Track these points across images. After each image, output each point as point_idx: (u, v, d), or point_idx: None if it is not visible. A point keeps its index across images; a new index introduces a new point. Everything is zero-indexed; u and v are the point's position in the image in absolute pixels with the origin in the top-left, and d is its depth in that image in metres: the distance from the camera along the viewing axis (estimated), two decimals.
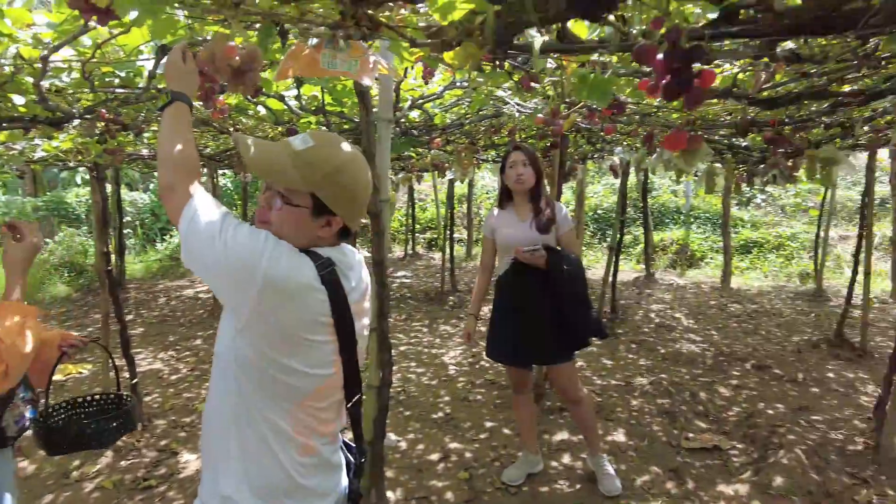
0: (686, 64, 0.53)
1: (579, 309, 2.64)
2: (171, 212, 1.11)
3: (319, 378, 1.17)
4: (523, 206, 2.75)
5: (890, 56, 1.40)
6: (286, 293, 1.08)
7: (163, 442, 3.51)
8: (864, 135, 3.16)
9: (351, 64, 1.22)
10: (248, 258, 1.05)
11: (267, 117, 2.58)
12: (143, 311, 7.16)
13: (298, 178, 1.13)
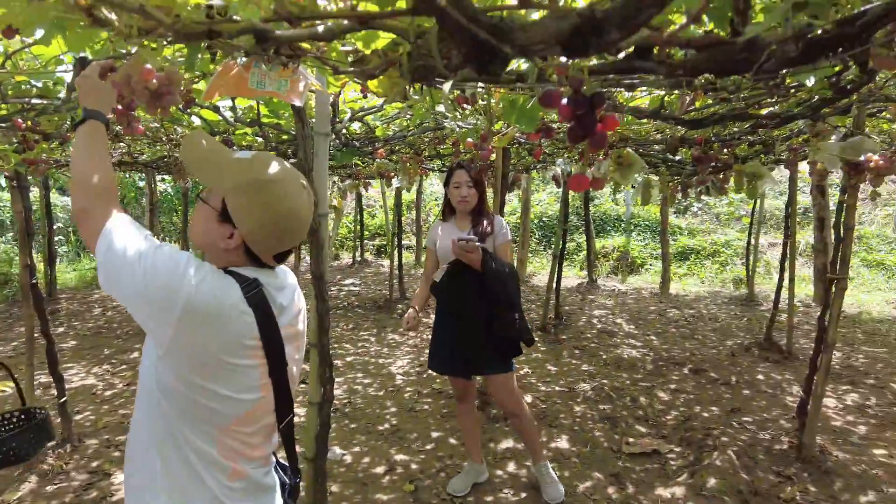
0: (589, 109, 0.55)
1: (509, 313, 2.65)
2: (87, 237, 1.06)
3: (246, 403, 1.14)
4: (464, 220, 2.80)
5: (798, 86, 1.50)
6: (208, 317, 1.05)
7: (94, 463, 3.34)
8: (784, 152, 3.36)
9: (280, 84, 1.21)
10: (168, 282, 1.01)
11: (202, 127, 2.51)
12: (77, 323, 6.79)
13: (213, 177, 1.12)
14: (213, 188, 1.13)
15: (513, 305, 2.66)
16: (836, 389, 4.47)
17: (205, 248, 1.18)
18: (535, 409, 4.07)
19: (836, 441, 3.56)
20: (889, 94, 1.92)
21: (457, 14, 0.35)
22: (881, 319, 6.84)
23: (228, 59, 1.26)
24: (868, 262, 9.35)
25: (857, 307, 7.41)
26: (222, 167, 1.12)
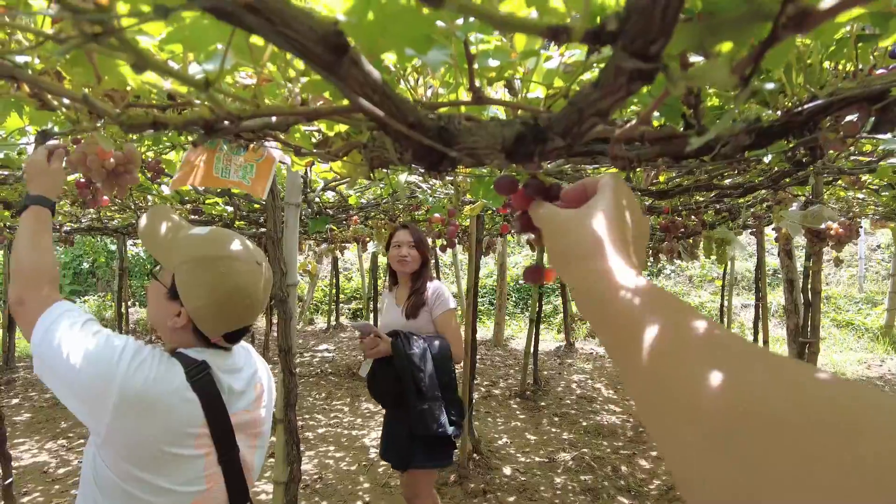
0: (545, 198, 0.54)
1: (419, 404, 2.37)
2: (24, 328, 1.02)
3: (187, 496, 1.05)
4: (404, 289, 2.62)
5: (756, 159, 1.55)
6: (146, 404, 0.99)
7: None
8: (748, 219, 3.46)
9: (246, 171, 1.21)
10: (103, 371, 0.96)
11: (171, 197, 2.49)
12: (33, 394, 6.45)
13: (164, 253, 1.10)
14: (165, 264, 1.11)
15: (422, 395, 2.37)
16: None
17: (156, 327, 1.15)
18: (514, 482, 3.92)
19: None
20: (841, 166, 2.01)
21: (397, 124, 0.34)
22: (855, 379, 6.87)
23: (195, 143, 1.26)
24: (838, 323, 9.51)
25: (831, 367, 7.46)
26: (175, 243, 1.09)
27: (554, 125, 0.36)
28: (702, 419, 0.31)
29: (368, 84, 0.31)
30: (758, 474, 0.27)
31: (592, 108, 0.33)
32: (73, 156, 0.89)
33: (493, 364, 7.81)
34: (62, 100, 0.67)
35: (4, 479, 3.29)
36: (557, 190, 0.54)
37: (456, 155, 0.38)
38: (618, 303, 0.40)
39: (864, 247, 11.20)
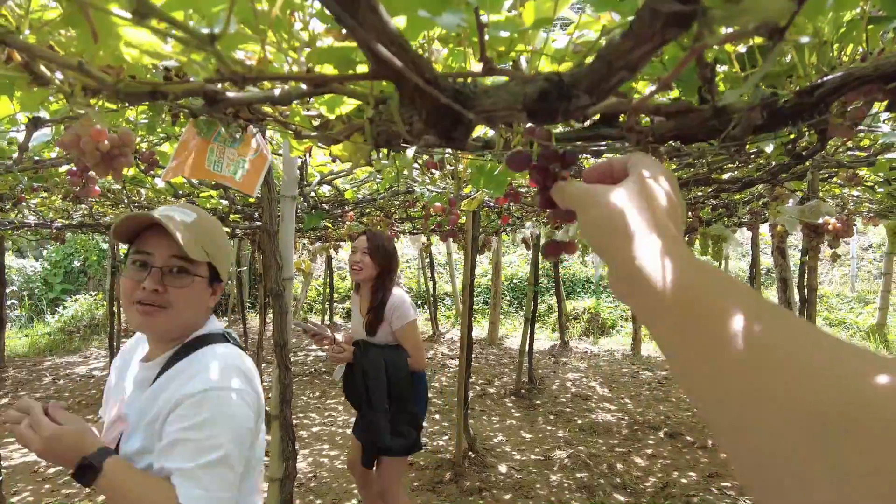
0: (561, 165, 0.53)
1: (369, 412, 2.48)
2: None
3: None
4: (365, 299, 2.63)
5: (758, 152, 1.54)
6: (260, 413, 1.15)
7: None
8: (745, 215, 3.47)
9: (238, 165, 1.20)
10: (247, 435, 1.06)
11: (165, 190, 2.45)
12: (23, 393, 6.39)
13: (201, 249, 1.10)
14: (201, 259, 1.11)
15: (370, 406, 2.46)
16: None
17: (190, 322, 1.15)
18: (510, 479, 3.91)
19: None
20: (840, 159, 2.01)
21: (415, 77, 0.32)
22: None
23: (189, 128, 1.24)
24: (830, 322, 9.57)
25: None
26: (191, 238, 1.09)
27: (580, 81, 0.34)
28: (810, 417, 0.27)
29: (386, 34, 0.30)
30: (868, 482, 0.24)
31: (622, 61, 0.31)
32: (65, 137, 0.86)
33: (487, 363, 7.80)
34: (55, 74, 0.65)
35: None
36: (572, 157, 0.53)
37: (473, 118, 0.36)
38: (677, 278, 0.36)
39: (857, 246, 11.28)
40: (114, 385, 1.24)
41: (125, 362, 1.25)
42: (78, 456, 0.94)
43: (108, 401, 1.23)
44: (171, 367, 1.10)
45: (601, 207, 0.44)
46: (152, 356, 1.15)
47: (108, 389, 1.26)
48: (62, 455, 0.96)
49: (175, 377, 1.07)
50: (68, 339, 9.56)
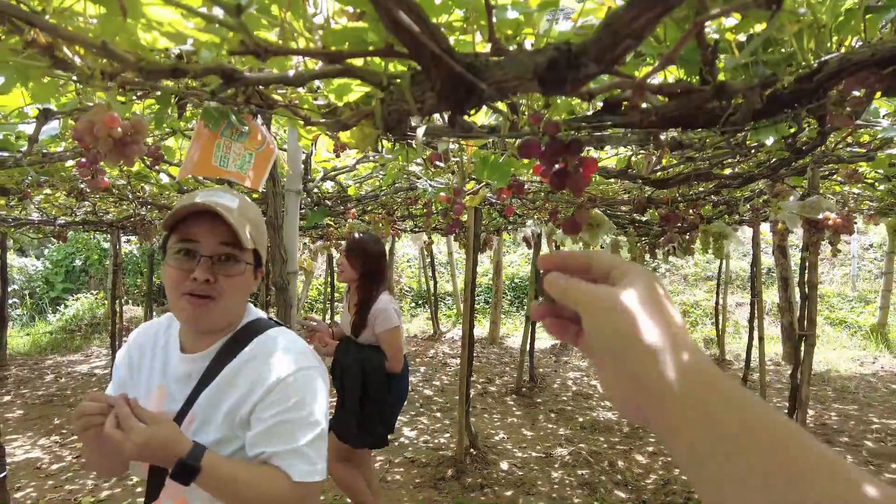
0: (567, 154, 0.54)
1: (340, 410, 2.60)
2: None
3: None
4: (353, 298, 2.70)
5: (758, 145, 1.56)
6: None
7: None
8: (746, 212, 3.48)
9: (244, 160, 1.21)
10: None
11: (169, 185, 2.47)
12: (25, 391, 6.41)
13: (248, 237, 1.06)
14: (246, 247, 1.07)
15: (343, 404, 2.59)
16: None
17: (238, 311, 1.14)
18: (511, 477, 3.92)
19: None
20: (840, 155, 2.02)
21: (432, 44, 0.34)
22: (849, 377, 6.93)
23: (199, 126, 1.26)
24: (831, 321, 9.58)
25: (825, 365, 7.51)
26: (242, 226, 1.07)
27: (588, 49, 0.36)
28: None
29: (405, 2, 0.31)
30: None
31: (627, 29, 0.32)
32: (79, 124, 0.88)
33: (488, 362, 7.81)
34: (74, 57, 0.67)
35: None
36: (577, 146, 0.54)
37: (486, 88, 0.38)
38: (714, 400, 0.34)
39: (857, 245, 11.28)
40: (129, 379, 1.17)
41: (141, 355, 1.18)
42: (172, 457, 0.93)
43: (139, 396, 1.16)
44: (230, 357, 1.07)
45: (614, 313, 0.40)
46: (196, 348, 1.10)
47: (119, 384, 1.18)
48: (154, 457, 0.95)
49: (247, 365, 1.06)
50: (70, 337, 9.59)
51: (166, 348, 1.16)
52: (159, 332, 1.20)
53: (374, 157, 2.38)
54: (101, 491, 3.81)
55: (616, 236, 4.09)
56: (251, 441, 1.01)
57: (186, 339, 1.14)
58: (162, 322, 1.22)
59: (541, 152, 0.54)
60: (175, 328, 1.17)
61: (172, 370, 1.12)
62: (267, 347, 1.09)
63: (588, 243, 3.23)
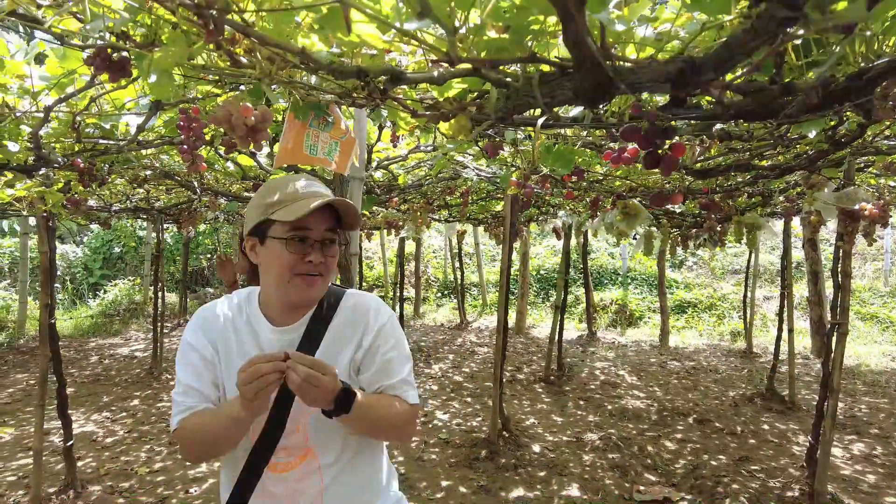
0: (663, 138, 0.67)
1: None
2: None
3: None
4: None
5: (798, 138, 1.65)
6: None
7: None
8: (780, 203, 3.54)
9: (331, 148, 1.37)
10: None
11: (235, 172, 2.64)
12: (74, 371, 6.73)
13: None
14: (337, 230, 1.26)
15: None
16: (842, 439, 4.49)
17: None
18: (543, 458, 4.06)
19: (847, 489, 3.56)
20: (879, 146, 2.10)
21: (601, 58, 0.46)
22: (880, 371, 6.90)
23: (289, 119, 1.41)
24: (862, 316, 9.48)
25: (855, 359, 7.48)
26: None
27: (708, 61, 0.48)
28: None
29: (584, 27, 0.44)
30: None
31: (743, 48, 0.45)
32: (218, 113, 1.03)
33: (515, 351, 7.94)
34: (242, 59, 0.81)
35: (66, 441, 3.51)
36: (671, 132, 0.67)
37: (623, 88, 0.51)
38: None
39: (890, 240, 11.10)
40: (216, 360, 1.20)
41: (224, 336, 1.21)
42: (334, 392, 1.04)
43: (215, 372, 1.20)
44: (323, 321, 1.20)
45: None
46: (287, 321, 1.20)
47: (201, 368, 1.19)
48: (327, 400, 1.04)
49: (350, 322, 1.22)
50: (109, 321, 9.95)
51: (251, 324, 1.22)
52: (234, 311, 1.24)
53: (426, 148, 2.52)
54: (155, 463, 4.05)
55: (649, 227, 4.17)
56: (369, 380, 1.20)
57: (274, 313, 1.21)
58: (232, 302, 1.27)
59: (640, 136, 0.67)
60: (253, 305, 1.24)
61: (267, 344, 1.19)
62: (358, 305, 1.26)
63: (624, 232, 3.34)
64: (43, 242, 3.14)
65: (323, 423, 1.14)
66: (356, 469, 1.22)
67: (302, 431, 1.17)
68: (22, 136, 1.49)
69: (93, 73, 1.20)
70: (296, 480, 1.17)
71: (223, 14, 0.60)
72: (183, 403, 1.15)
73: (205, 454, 1.18)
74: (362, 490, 1.23)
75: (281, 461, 1.17)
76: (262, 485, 1.16)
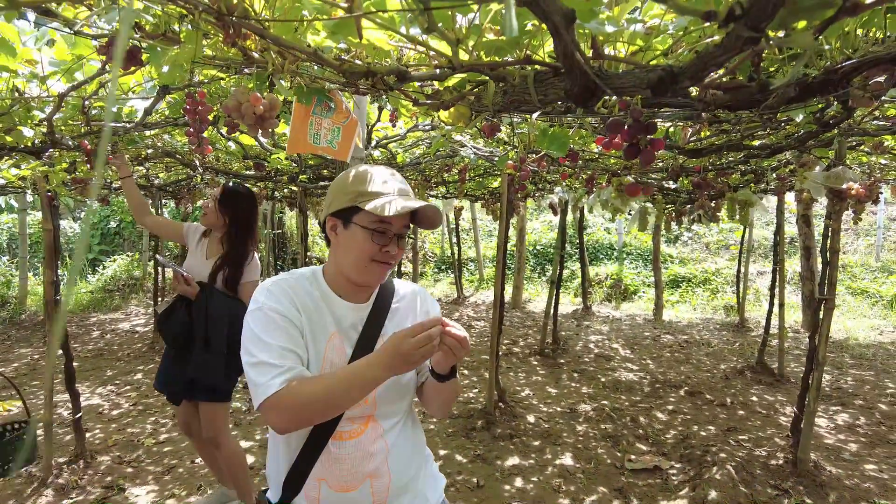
0: (645, 133, 0.73)
1: (204, 353, 2.50)
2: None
3: None
4: (214, 245, 2.68)
5: (787, 120, 1.70)
6: None
7: (108, 478, 3.40)
8: (773, 181, 3.60)
9: (333, 134, 1.42)
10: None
11: (236, 151, 2.68)
12: (76, 345, 6.83)
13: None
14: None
15: (208, 347, 2.50)
16: (828, 410, 4.64)
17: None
18: (538, 429, 4.19)
19: (829, 457, 3.71)
20: (866, 128, 2.15)
21: (586, 66, 0.52)
22: (867, 345, 7.06)
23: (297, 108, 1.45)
24: (853, 290, 9.63)
25: (844, 333, 7.63)
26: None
27: (685, 71, 0.54)
28: None
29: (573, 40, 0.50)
30: None
31: (714, 61, 0.51)
32: (228, 101, 1.08)
33: (511, 325, 8.06)
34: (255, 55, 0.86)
35: (74, 414, 3.61)
36: (653, 127, 0.73)
37: (608, 91, 0.57)
38: None
39: (883, 216, 11.20)
40: (307, 327, 1.25)
41: (306, 306, 1.26)
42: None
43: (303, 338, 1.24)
44: (385, 302, 1.34)
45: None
46: (358, 299, 1.30)
47: (295, 333, 1.22)
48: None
49: (410, 307, 1.37)
50: (109, 297, 10.03)
51: (326, 300, 1.28)
52: (307, 286, 1.29)
53: (424, 127, 2.56)
54: (160, 434, 4.16)
55: (644, 203, 4.23)
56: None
57: (345, 291, 1.29)
58: (303, 276, 1.32)
59: (624, 130, 0.72)
60: (322, 282, 1.30)
61: (343, 318, 1.27)
62: (414, 292, 1.41)
63: (619, 209, 3.40)
64: (47, 220, 3.18)
65: (390, 393, 1.27)
66: (409, 433, 1.34)
67: (371, 402, 1.25)
68: (34, 119, 1.53)
69: (105, 61, 1.24)
70: (363, 446, 1.24)
71: (242, 19, 0.65)
72: (282, 365, 1.13)
73: (313, 418, 1.15)
74: (415, 451, 1.35)
75: (346, 429, 1.24)
76: (328, 452, 1.22)
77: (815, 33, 0.49)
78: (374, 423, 1.26)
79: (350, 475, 1.22)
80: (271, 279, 1.30)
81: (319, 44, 0.82)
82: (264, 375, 1.12)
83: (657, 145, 0.78)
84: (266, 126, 1.15)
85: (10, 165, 2.18)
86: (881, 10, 1.01)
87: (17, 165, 2.21)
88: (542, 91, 0.68)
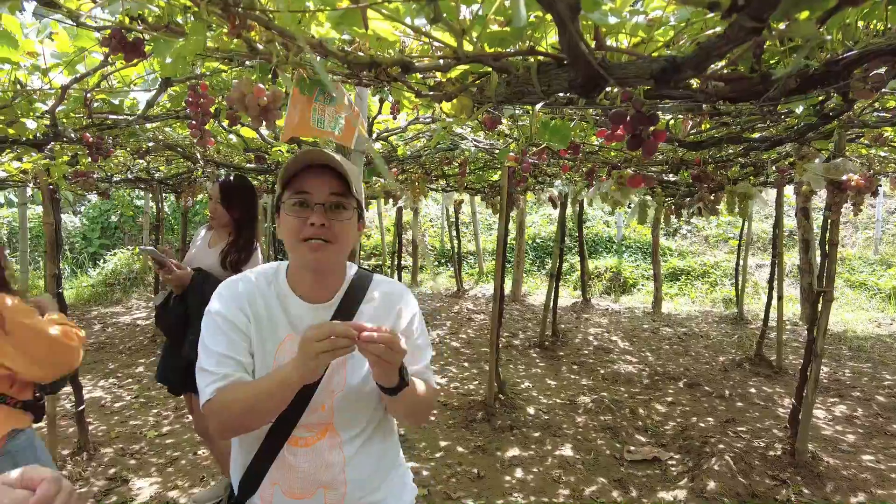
0: (647, 124, 0.74)
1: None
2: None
3: None
4: (221, 238, 2.69)
5: (787, 112, 1.71)
6: None
7: (111, 470, 3.42)
8: (773, 174, 3.61)
9: (337, 122, 1.42)
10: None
11: (238, 144, 2.68)
12: None
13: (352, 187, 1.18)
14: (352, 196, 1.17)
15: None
16: (825, 402, 4.67)
17: (345, 257, 1.24)
18: (538, 420, 4.21)
19: (827, 448, 3.73)
20: (866, 120, 2.15)
21: (591, 57, 0.53)
22: (865, 337, 7.09)
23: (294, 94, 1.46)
24: (851, 283, 9.65)
25: (842, 325, 7.66)
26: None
27: (688, 61, 0.55)
28: None
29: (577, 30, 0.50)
30: None
31: (716, 51, 0.51)
32: (233, 93, 1.09)
33: (511, 318, 8.08)
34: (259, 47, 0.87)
35: (77, 406, 3.62)
36: (655, 119, 0.74)
37: (612, 81, 0.57)
38: None
39: (882, 209, 11.21)
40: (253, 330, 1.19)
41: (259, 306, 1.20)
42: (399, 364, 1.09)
43: (249, 342, 1.19)
44: (354, 302, 1.23)
45: None
46: (318, 298, 1.21)
47: (236, 337, 1.17)
48: (395, 370, 1.07)
49: (383, 308, 1.25)
50: (110, 290, 10.03)
51: (281, 299, 1.21)
52: (262, 285, 1.23)
53: (424, 119, 2.56)
54: (162, 427, 4.18)
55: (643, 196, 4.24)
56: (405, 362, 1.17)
57: (304, 289, 1.21)
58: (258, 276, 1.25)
59: (627, 121, 0.73)
60: (282, 281, 1.22)
61: (300, 320, 1.19)
62: (390, 293, 1.29)
63: (619, 202, 3.41)
64: (48, 214, 3.19)
65: (349, 402, 1.18)
66: (375, 446, 1.25)
67: (328, 410, 1.19)
68: (36, 111, 1.53)
69: (108, 52, 1.25)
70: (318, 454, 1.18)
71: (247, 10, 0.65)
72: (218, 373, 1.11)
73: (242, 425, 1.13)
74: (380, 465, 1.26)
75: (302, 436, 1.19)
76: (283, 458, 1.17)
77: (817, 24, 0.50)
78: (332, 433, 1.20)
79: (304, 483, 1.18)
80: (231, 278, 1.27)
81: (324, 35, 0.82)
82: (202, 382, 1.13)
83: (659, 136, 0.79)
84: (270, 118, 1.15)
85: (11, 158, 2.18)
86: (882, 2, 1.01)
87: (19, 158, 2.21)
88: (545, 82, 0.69)
